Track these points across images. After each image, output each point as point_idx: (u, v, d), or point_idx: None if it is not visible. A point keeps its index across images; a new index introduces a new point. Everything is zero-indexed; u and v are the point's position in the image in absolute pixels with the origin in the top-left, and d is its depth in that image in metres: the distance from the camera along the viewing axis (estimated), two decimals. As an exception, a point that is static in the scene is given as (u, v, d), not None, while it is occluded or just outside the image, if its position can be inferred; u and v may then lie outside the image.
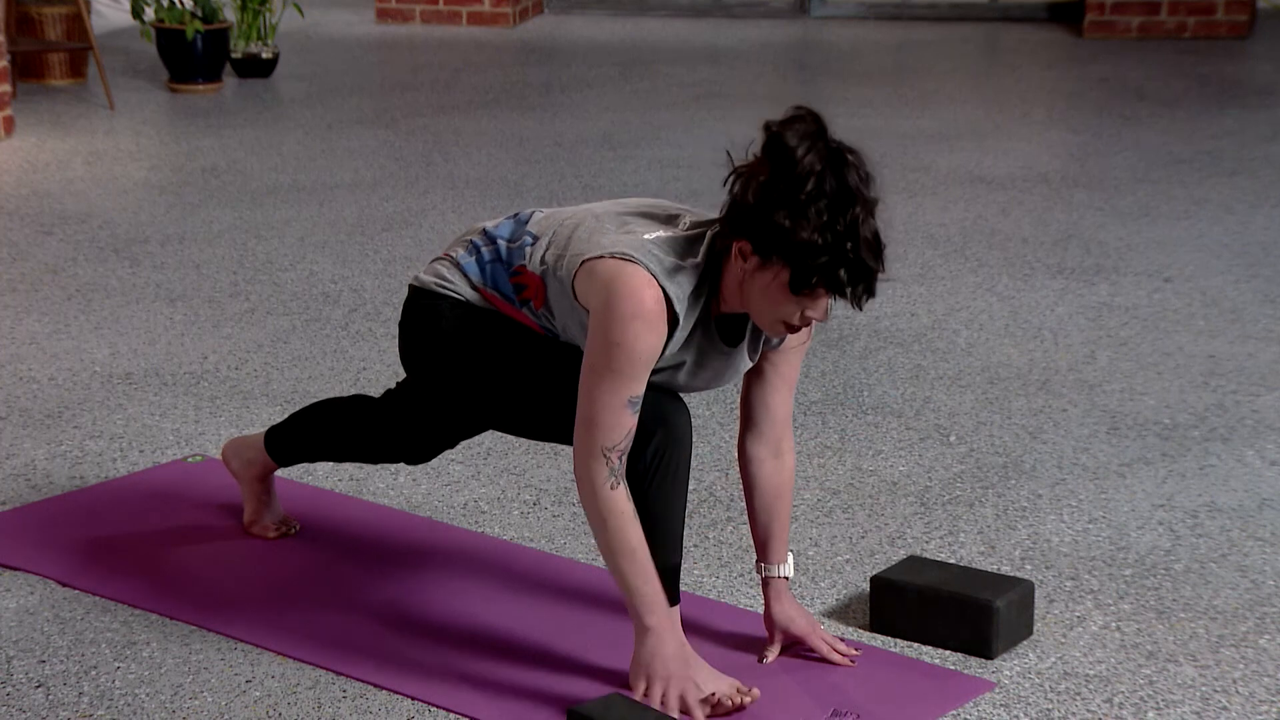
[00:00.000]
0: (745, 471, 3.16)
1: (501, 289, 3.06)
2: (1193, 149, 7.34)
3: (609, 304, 2.83)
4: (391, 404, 3.39)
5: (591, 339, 2.86)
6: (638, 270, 2.83)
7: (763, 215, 2.77)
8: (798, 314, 2.84)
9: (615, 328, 2.81)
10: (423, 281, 3.14)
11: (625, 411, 2.85)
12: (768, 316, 2.86)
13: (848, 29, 10.73)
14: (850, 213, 2.75)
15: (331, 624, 3.28)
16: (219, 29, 8.65)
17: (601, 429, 2.85)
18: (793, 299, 2.81)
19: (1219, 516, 3.79)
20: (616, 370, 2.83)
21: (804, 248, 2.75)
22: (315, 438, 3.50)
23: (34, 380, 4.60)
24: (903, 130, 7.73)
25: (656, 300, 2.82)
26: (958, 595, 3.19)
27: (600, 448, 2.86)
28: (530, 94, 8.68)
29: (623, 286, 2.82)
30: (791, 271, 2.77)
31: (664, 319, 2.84)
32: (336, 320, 5.10)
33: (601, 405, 2.85)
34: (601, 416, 2.85)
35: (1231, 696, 3.06)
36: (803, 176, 2.74)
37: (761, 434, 3.13)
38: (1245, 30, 10.19)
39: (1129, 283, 5.47)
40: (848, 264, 2.76)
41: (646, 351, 2.83)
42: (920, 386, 4.58)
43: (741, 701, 2.96)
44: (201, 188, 6.69)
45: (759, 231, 2.78)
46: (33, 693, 3.07)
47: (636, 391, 2.85)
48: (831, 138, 2.79)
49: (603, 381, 2.84)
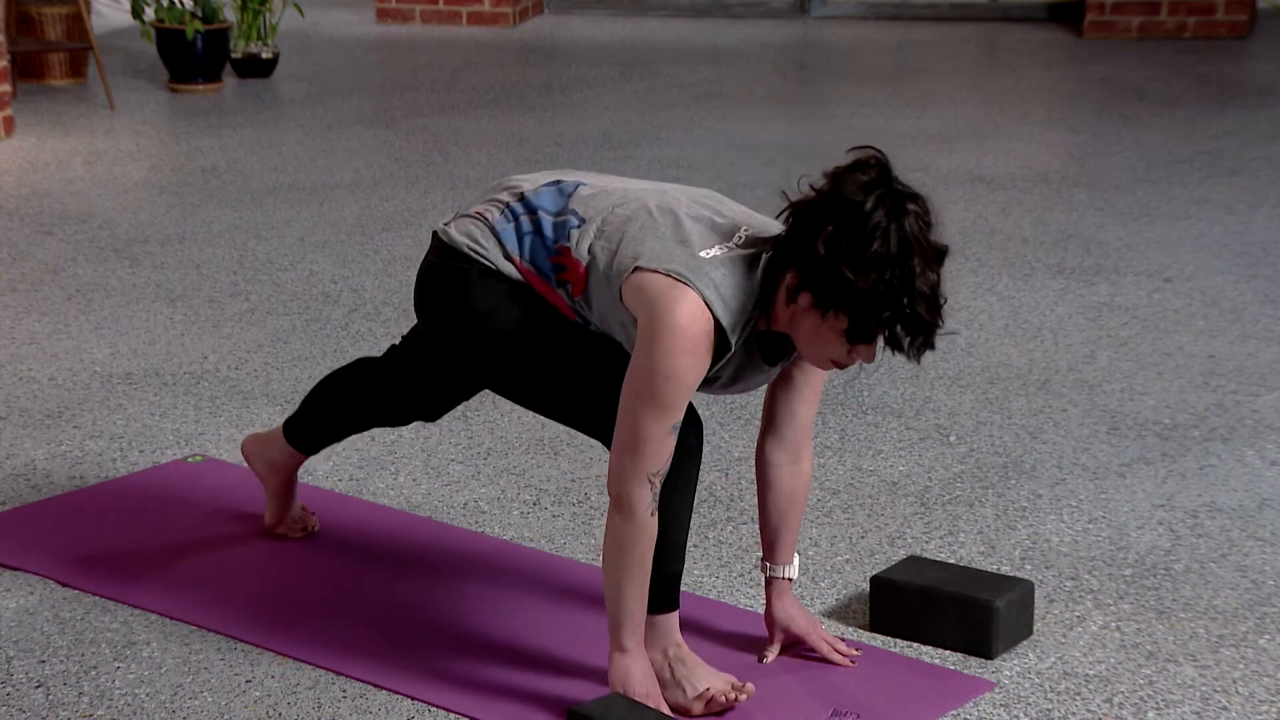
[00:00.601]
0: (762, 474, 3.15)
1: (539, 265, 2.97)
2: (1193, 149, 7.34)
3: (659, 333, 2.78)
4: (400, 362, 3.34)
5: (637, 362, 2.81)
6: (690, 295, 2.78)
7: (825, 266, 2.73)
8: (846, 353, 2.81)
9: (664, 360, 2.77)
10: (453, 240, 3.04)
11: (669, 439, 2.84)
12: (817, 351, 2.83)
13: (848, 29, 10.73)
14: (908, 266, 2.71)
15: (332, 624, 3.28)
16: (219, 29, 8.65)
17: (646, 456, 2.83)
18: (845, 343, 2.79)
19: (1219, 516, 3.79)
20: (664, 404, 2.80)
21: (864, 300, 2.72)
22: (334, 414, 3.45)
23: (34, 380, 4.60)
24: (903, 130, 7.73)
25: (706, 332, 2.79)
26: (958, 595, 3.19)
27: (645, 474, 2.84)
28: (530, 94, 8.68)
29: (675, 317, 2.77)
30: (850, 322, 2.75)
31: (710, 347, 2.81)
32: (336, 320, 5.10)
33: (647, 434, 2.82)
34: (647, 445, 2.83)
35: (1231, 696, 3.06)
36: (869, 233, 2.70)
37: (783, 439, 3.12)
38: (1245, 30, 10.18)
39: (1129, 283, 5.48)
40: (904, 319, 2.74)
41: (693, 382, 2.81)
42: (920, 386, 4.58)
43: (735, 698, 2.96)
44: (201, 188, 6.69)
45: (819, 280, 2.74)
46: (32, 693, 3.07)
47: (679, 419, 2.83)
48: (896, 184, 2.75)
49: (648, 410, 2.81)
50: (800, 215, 2.78)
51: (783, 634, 3.17)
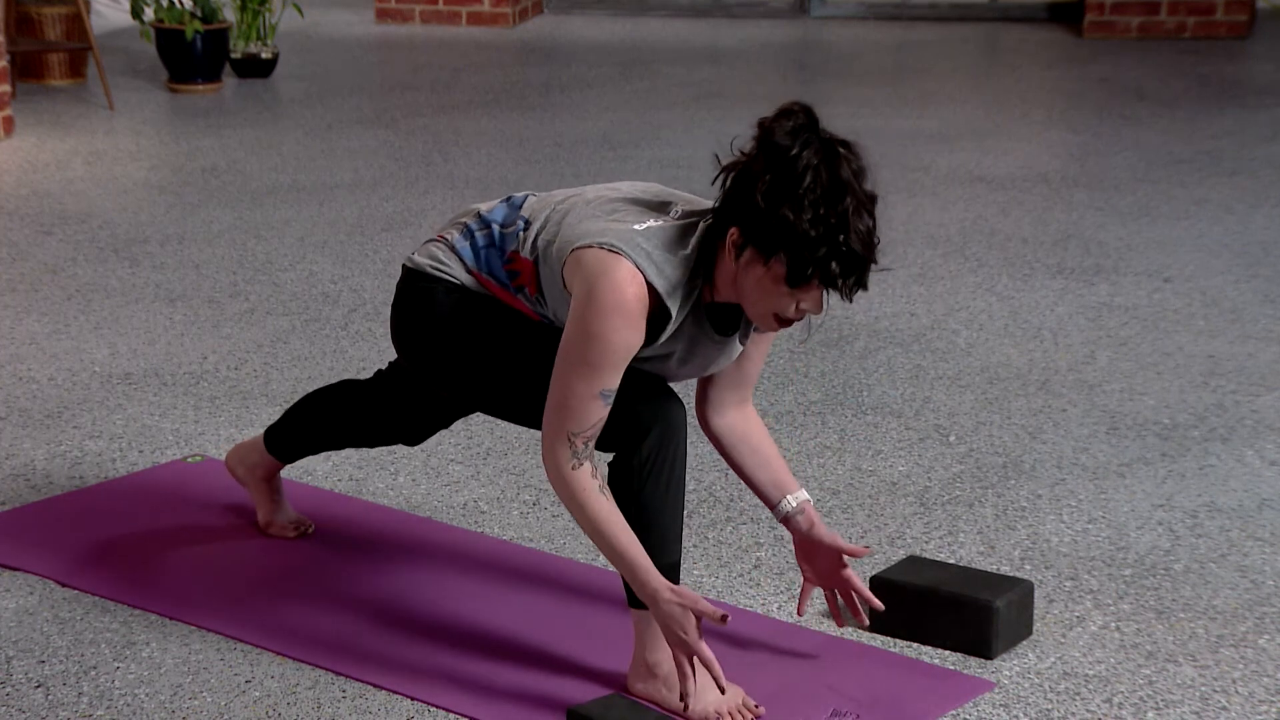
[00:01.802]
0: (716, 430, 3.17)
1: (496, 274, 3.06)
2: (1192, 149, 7.34)
3: (590, 295, 2.83)
4: (383, 386, 3.40)
5: (570, 326, 2.86)
6: (622, 263, 2.83)
7: (762, 211, 2.77)
8: (792, 307, 2.84)
9: (594, 320, 2.82)
10: (417, 263, 3.14)
11: (597, 402, 2.86)
12: (761, 308, 2.86)
13: (848, 29, 10.73)
14: (841, 205, 2.76)
15: (331, 624, 3.28)
16: (218, 29, 8.65)
17: (570, 416, 2.86)
18: (788, 292, 2.81)
19: (1218, 516, 3.79)
20: (591, 362, 2.83)
21: (800, 241, 2.75)
22: (312, 429, 3.51)
23: (33, 380, 4.60)
24: (902, 130, 7.73)
25: (639, 297, 2.83)
26: (957, 595, 3.19)
27: (567, 432, 2.87)
28: (530, 94, 8.68)
29: (606, 280, 2.82)
30: (788, 265, 2.78)
31: (644, 315, 2.84)
32: (336, 320, 5.10)
33: (573, 394, 2.85)
34: (571, 405, 2.86)
35: (1231, 696, 3.06)
36: (800, 173, 2.75)
37: (731, 390, 3.15)
38: (1245, 30, 10.18)
39: (1129, 283, 5.47)
40: (839, 256, 2.76)
41: (623, 346, 2.83)
42: (920, 386, 4.58)
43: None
44: (201, 188, 6.69)
45: (757, 226, 2.78)
46: (32, 693, 3.07)
47: (610, 385, 2.86)
48: (824, 131, 2.80)
49: (576, 371, 2.84)
50: (735, 174, 2.83)
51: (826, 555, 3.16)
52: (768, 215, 2.77)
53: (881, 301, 5.24)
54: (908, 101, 8.43)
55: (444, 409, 3.35)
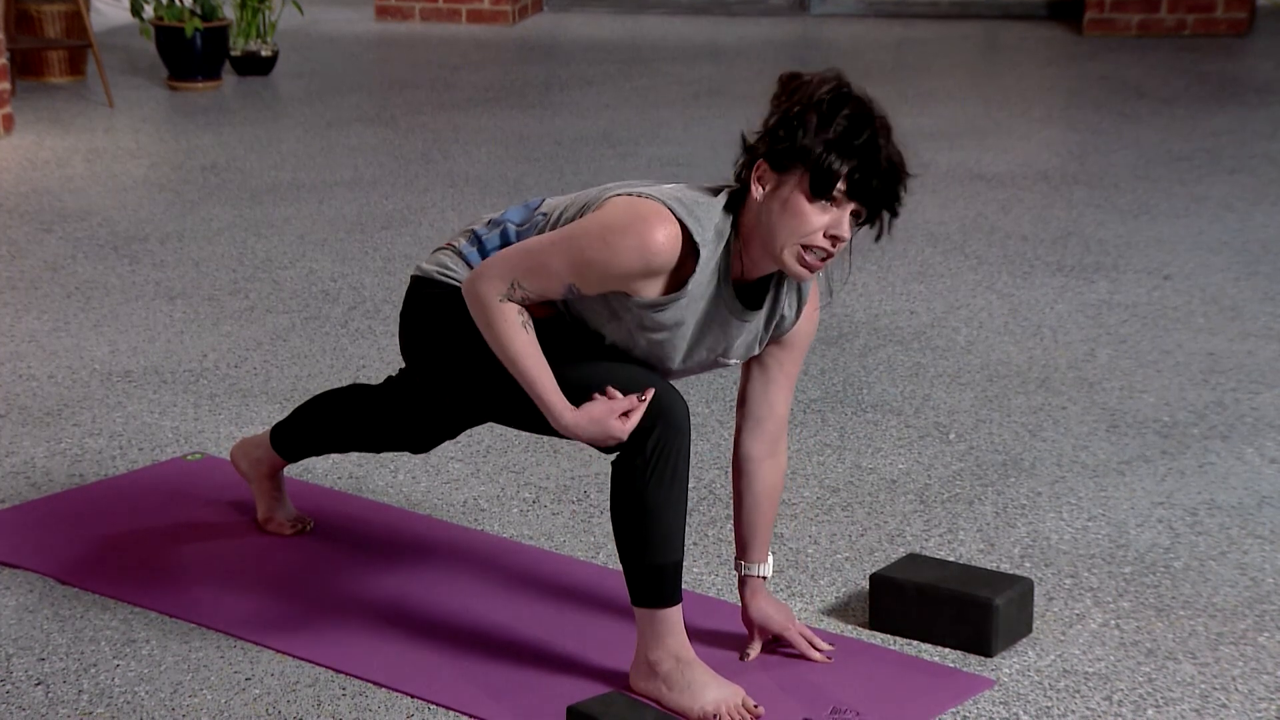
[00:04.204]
0: (740, 469, 3.15)
1: None
2: (1192, 146, 7.34)
3: (619, 214, 2.83)
4: (392, 393, 3.39)
5: (588, 219, 2.87)
6: (658, 207, 2.83)
7: (780, 124, 2.79)
8: (820, 232, 2.82)
9: (613, 233, 2.82)
10: (425, 271, 3.13)
11: (558, 284, 2.87)
12: (790, 241, 2.83)
13: (847, 26, 10.73)
14: (870, 126, 2.79)
15: (331, 622, 3.29)
16: (218, 26, 8.65)
17: (529, 273, 2.88)
18: (814, 211, 2.80)
19: (1218, 514, 3.79)
20: (582, 257, 2.84)
21: (824, 145, 2.77)
22: (319, 431, 3.50)
23: (33, 378, 4.60)
24: (902, 128, 7.63)
25: (669, 238, 2.82)
26: (957, 593, 3.19)
27: (515, 279, 2.88)
28: (530, 92, 8.67)
29: (640, 214, 2.82)
30: (811, 174, 2.78)
31: (662, 265, 2.83)
32: (336, 318, 5.10)
33: (546, 261, 2.87)
34: (537, 267, 2.87)
35: (1231, 694, 3.07)
36: (816, 88, 2.79)
37: (763, 431, 3.12)
38: (1244, 28, 10.18)
39: (1128, 280, 5.48)
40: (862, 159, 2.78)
41: (620, 268, 2.83)
42: (920, 384, 4.58)
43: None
44: (201, 185, 6.69)
45: (776, 142, 2.80)
46: (32, 690, 3.07)
47: (582, 287, 2.86)
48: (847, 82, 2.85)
49: (564, 251, 2.85)
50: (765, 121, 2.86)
51: (760, 632, 3.17)
52: (789, 129, 2.78)
53: (881, 299, 5.24)
54: (907, 99, 8.43)
55: (451, 419, 3.33)
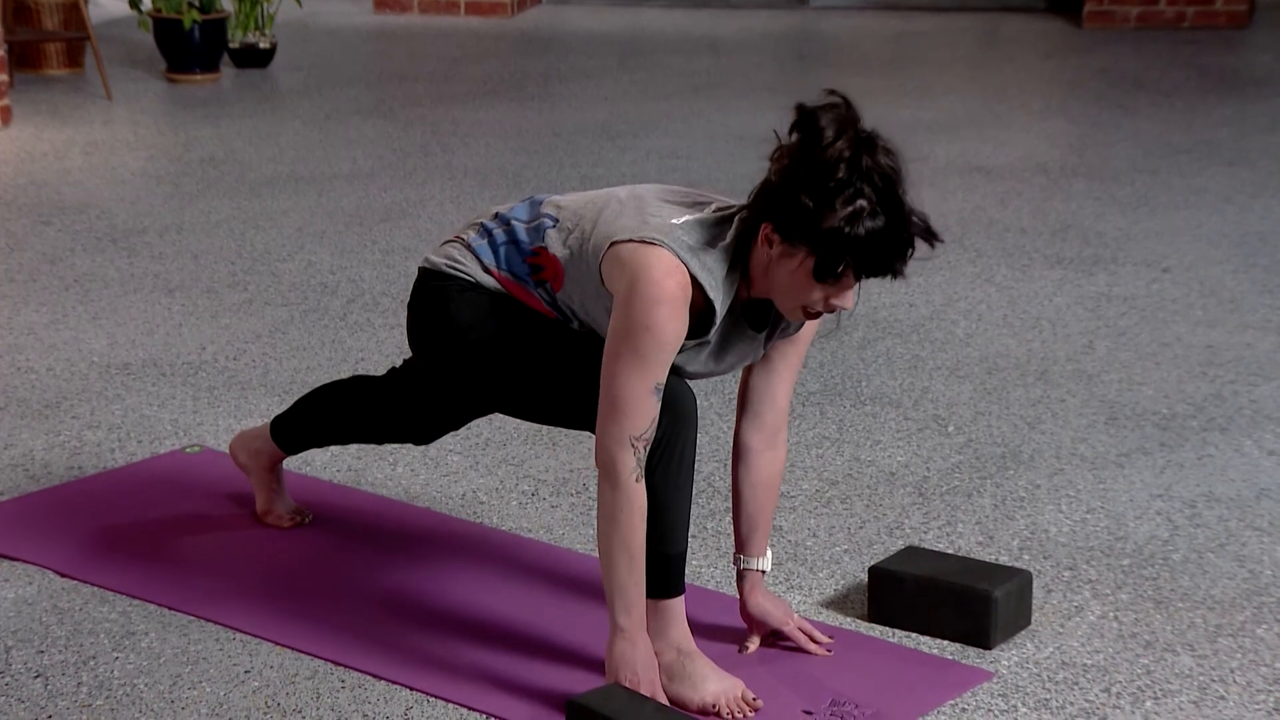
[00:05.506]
0: (740, 461, 3.15)
1: (515, 271, 3.04)
2: (1191, 139, 7.34)
3: (634, 288, 2.81)
4: (396, 384, 3.39)
5: (615, 323, 2.84)
6: (663, 254, 2.82)
7: (788, 200, 2.76)
8: (822, 301, 2.83)
9: (641, 312, 2.80)
10: (433, 263, 3.13)
11: (651, 399, 2.83)
12: (791, 302, 2.85)
13: (846, 19, 10.72)
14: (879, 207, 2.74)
15: (330, 614, 3.28)
16: (216, 19, 8.64)
17: (629, 417, 2.83)
18: (817, 286, 2.80)
19: (1217, 506, 3.79)
20: (642, 355, 2.81)
21: (829, 235, 2.74)
22: (321, 422, 3.50)
23: (32, 370, 4.59)
24: (901, 120, 7.72)
25: (682, 285, 2.81)
26: (956, 585, 3.19)
27: (629, 436, 2.84)
28: (528, 84, 8.67)
29: (648, 272, 2.80)
30: (817, 259, 2.77)
31: (687, 303, 2.83)
32: (335, 310, 5.10)
33: (628, 392, 2.82)
34: (629, 404, 2.83)
35: (1229, 686, 3.07)
36: (831, 163, 2.74)
37: (763, 423, 3.12)
38: (1244, 20, 10.18)
39: (1127, 273, 5.47)
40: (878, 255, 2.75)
41: (672, 336, 2.82)
42: (918, 377, 4.58)
43: (744, 714, 2.95)
44: (199, 178, 6.69)
45: (784, 216, 2.77)
46: (31, 683, 3.07)
47: (661, 378, 2.83)
48: (863, 126, 2.79)
49: (628, 367, 2.82)
50: (772, 164, 2.82)
51: (758, 627, 3.17)
52: (796, 205, 2.76)
53: (880, 292, 5.24)
54: (906, 92, 8.43)
55: (456, 410, 3.33)
